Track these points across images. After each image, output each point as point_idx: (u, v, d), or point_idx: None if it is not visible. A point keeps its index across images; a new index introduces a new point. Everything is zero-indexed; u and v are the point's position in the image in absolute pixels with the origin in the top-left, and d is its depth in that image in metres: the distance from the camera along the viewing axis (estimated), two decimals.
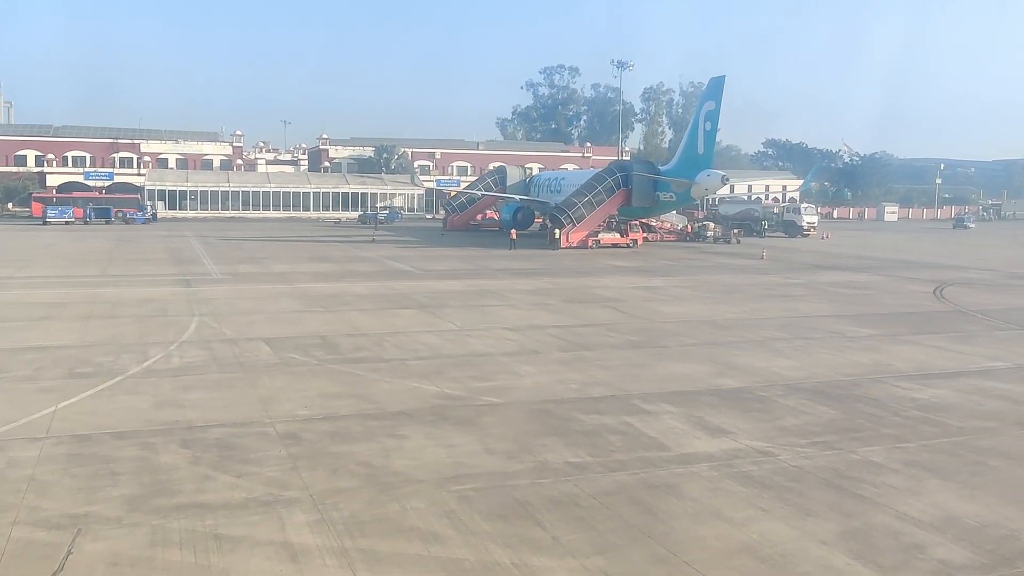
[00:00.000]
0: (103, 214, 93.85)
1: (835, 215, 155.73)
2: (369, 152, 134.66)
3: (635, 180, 63.26)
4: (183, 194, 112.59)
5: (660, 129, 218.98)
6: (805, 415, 16.85)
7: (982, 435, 15.64)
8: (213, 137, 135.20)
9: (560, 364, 21.24)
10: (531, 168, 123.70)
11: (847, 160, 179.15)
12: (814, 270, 48.71)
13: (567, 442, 14.75)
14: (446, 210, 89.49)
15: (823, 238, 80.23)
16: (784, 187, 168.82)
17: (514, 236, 61.34)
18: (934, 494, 12.51)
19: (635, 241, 64.32)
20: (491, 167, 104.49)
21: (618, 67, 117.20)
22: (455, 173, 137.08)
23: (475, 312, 29.92)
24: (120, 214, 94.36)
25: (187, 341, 23.57)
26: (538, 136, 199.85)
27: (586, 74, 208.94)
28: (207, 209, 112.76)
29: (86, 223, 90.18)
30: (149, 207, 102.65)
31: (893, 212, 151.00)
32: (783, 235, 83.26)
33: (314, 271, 43.09)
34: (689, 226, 74.89)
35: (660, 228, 72.81)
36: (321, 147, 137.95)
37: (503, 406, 17.11)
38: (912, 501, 12.18)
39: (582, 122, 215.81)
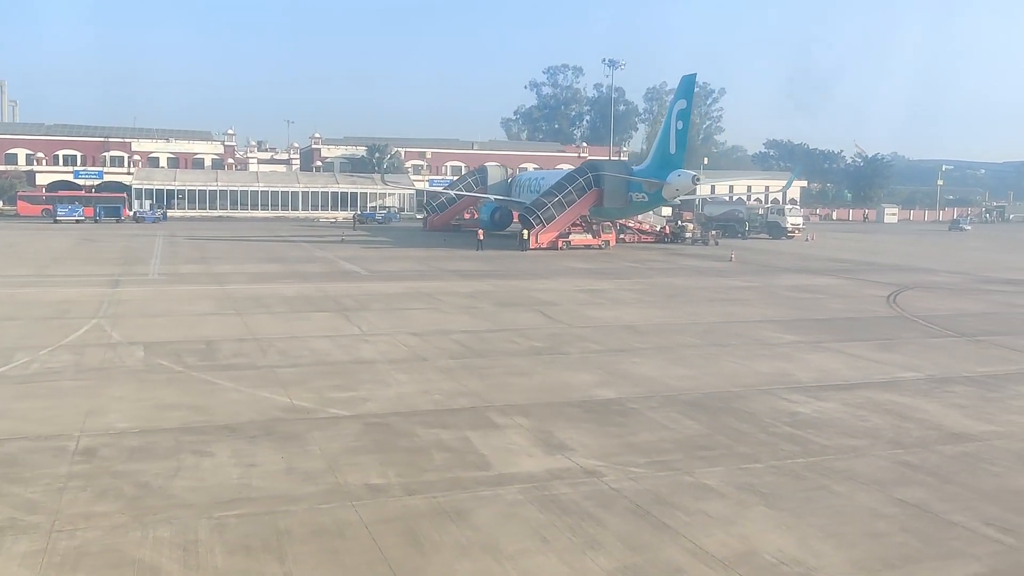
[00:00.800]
0: (113, 212, 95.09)
1: (835, 216, 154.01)
2: (362, 152, 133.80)
3: (606, 180, 61.95)
4: (170, 193, 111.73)
5: None
6: (665, 430, 15.68)
7: (844, 455, 14.43)
8: (205, 136, 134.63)
9: (440, 373, 20.12)
10: (526, 167, 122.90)
11: (849, 161, 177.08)
12: (778, 273, 47.39)
13: (384, 461, 13.64)
14: (426, 210, 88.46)
15: (807, 240, 78.73)
16: (787, 188, 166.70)
17: (481, 237, 60.30)
18: (750, 524, 11.33)
19: (607, 242, 63.03)
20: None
21: (609, 66, 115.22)
22: (449, 173, 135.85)
23: (392, 316, 28.82)
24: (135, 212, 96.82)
25: (65, 345, 22.58)
26: (540, 136, 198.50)
27: (590, 74, 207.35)
28: (195, 208, 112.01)
29: (96, 221, 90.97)
30: (156, 205, 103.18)
31: (893, 214, 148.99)
32: (767, 237, 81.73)
33: (257, 272, 42.10)
34: (667, 227, 73.42)
35: (637, 229, 71.44)
36: (313, 146, 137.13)
37: (344, 420, 16.01)
38: (718, 533, 11.00)
39: (585, 122, 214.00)
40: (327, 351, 22.48)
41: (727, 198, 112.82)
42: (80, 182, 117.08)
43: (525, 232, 59.87)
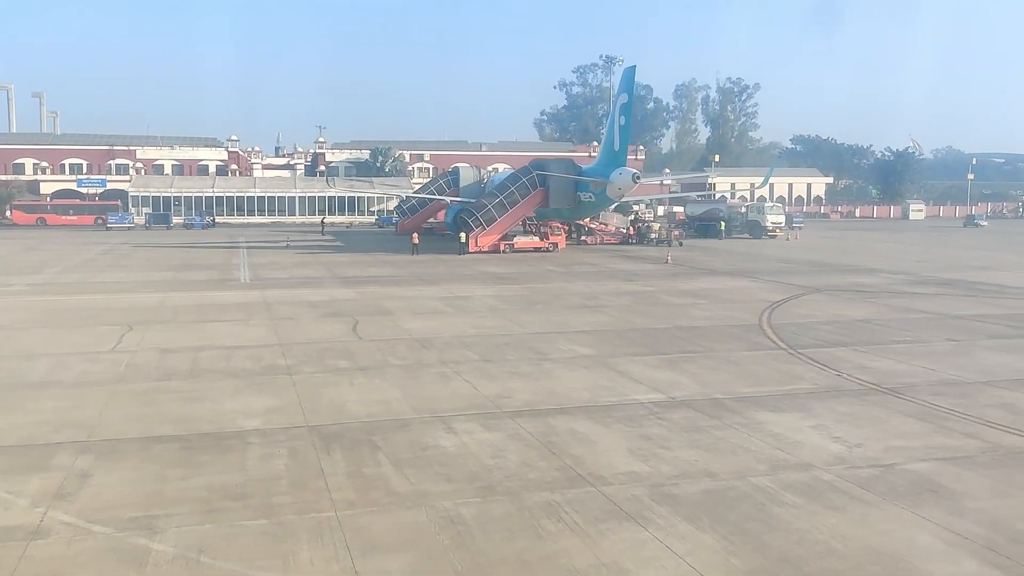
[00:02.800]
0: (162, 220, 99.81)
1: (858, 214, 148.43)
2: (366, 155, 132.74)
3: (551, 180, 59.29)
4: (167, 200, 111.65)
5: (694, 127, 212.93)
6: (233, 474, 13.39)
7: (394, 507, 12.00)
8: (210, 143, 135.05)
9: (108, 397, 18.10)
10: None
11: (879, 155, 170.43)
12: (697, 276, 44.37)
13: None
14: (397, 213, 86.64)
15: (787, 240, 74.95)
16: (762, 185, 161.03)
17: (416, 241, 58.20)
18: None
19: (555, 245, 60.34)
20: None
21: (607, 63, 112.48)
22: None
23: (182, 329, 26.90)
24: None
25: None
26: (569, 136, 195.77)
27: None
28: (192, 215, 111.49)
29: (147, 228, 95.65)
30: (205, 212, 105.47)
31: (919, 210, 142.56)
32: (748, 236, 78.02)
33: (138, 280, 40.73)
34: (631, 228, 70.23)
35: (599, 231, 68.54)
36: (318, 151, 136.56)
37: None
38: None
39: None
40: (26, 372, 20.60)
41: (709, 195, 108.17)
42: (83, 190, 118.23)
43: (463, 235, 57.54)
